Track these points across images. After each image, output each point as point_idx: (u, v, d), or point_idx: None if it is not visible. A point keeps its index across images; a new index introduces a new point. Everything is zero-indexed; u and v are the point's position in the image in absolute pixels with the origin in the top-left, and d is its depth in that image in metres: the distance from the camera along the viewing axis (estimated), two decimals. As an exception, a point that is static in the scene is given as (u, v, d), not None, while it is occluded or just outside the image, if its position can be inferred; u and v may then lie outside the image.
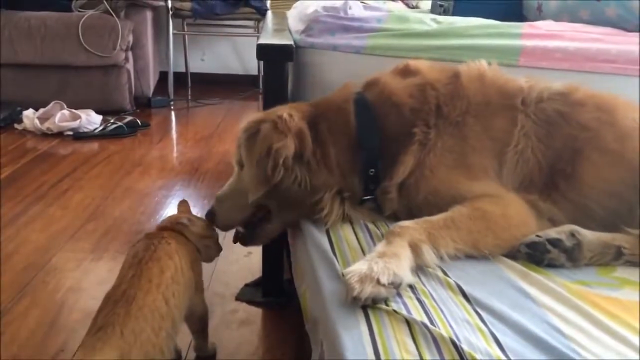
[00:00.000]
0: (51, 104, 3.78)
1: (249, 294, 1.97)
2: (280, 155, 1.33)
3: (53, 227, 2.40)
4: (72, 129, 3.65)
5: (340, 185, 1.40)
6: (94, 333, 1.15)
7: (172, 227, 1.46)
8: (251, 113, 1.49)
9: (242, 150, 1.43)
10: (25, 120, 3.70)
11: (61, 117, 3.68)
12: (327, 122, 1.41)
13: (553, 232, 1.20)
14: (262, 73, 4.99)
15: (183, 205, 1.56)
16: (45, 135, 3.63)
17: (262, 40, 1.73)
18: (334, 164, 1.39)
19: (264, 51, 1.67)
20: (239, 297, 1.95)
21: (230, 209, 1.50)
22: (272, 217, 1.46)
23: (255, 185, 1.37)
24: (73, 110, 3.75)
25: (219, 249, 1.56)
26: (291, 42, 1.73)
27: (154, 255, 1.31)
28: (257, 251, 2.12)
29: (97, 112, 3.83)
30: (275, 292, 1.94)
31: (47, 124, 3.64)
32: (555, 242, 1.18)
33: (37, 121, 3.65)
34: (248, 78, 5.22)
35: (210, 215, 1.52)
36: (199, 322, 1.54)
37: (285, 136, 1.35)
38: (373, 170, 1.40)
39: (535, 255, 1.18)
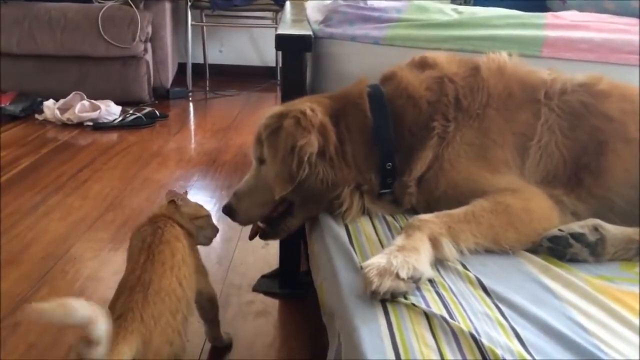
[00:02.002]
0: (71, 95, 3.82)
1: (265, 285, 1.97)
2: (305, 152, 1.31)
3: (72, 217, 2.43)
4: (91, 120, 3.68)
5: (358, 180, 1.38)
6: (114, 320, 1.14)
7: (164, 212, 1.45)
8: (269, 106, 1.48)
9: (265, 147, 1.41)
10: (45, 110, 3.73)
11: (81, 107, 3.72)
12: (345, 118, 1.40)
13: (576, 227, 1.18)
14: (280, 64, 4.99)
15: (170, 193, 1.52)
16: (65, 125, 3.66)
17: (281, 31, 1.71)
18: (351, 160, 1.38)
19: (282, 41, 1.66)
20: (256, 288, 1.95)
21: (251, 205, 1.47)
22: (294, 211, 1.44)
23: (281, 182, 1.35)
24: (93, 101, 3.78)
25: (214, 228, 1.55)
26: (310, 33, 1.72)
27: (162, 239, 1.31)
28: (274, 242, 2.12)
29: (116, 103, 3.86)
30: (292, 283, 1.94)
31: (67, 115, 3.68)
32: (578, 237, 1.16)
33: (57, 112, 3.68)
34: (266, 69, 5.21)
35: (228, 210, 1.49)
36: (208, 305, 1.52)
37: (309, 132, 1.33)
38: (390, 164, 1.38)
39: (558, 250, 1.16)
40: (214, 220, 1.56)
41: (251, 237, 1.54)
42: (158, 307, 1.17)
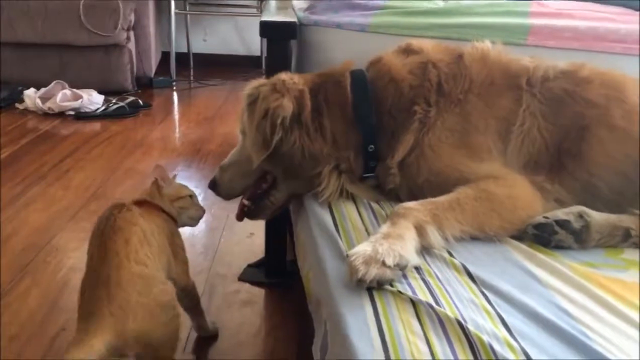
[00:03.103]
0: (52, 84, 3.76)
1: (251, 274, 1.96)
2: (277, 115, 1.33)
3: (54, 207, 2.39)
4: (73, 109, 3.63)
5: (336, 156, 1.38)
6: (84, 319, 1.15)
7: (146, 196, 1.45)
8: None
9: (244, 116, 1.43)
10: (26, 99, 3.68)
11: (63, 96, 3.66)
12: (325, 92, 1.40)
13: (561, 213, 1.18)
14: (264, 54, 4.95)
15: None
16: (47, 115, 3.61)
17: (266, 18, 1.70)
18: (328, 134, 1.38)
19: (267, 28, 1.64)
20: (242, 278, 1.94)
21: (233, 177, 1.50)
22: (277, 184, 1.45)
23: (257, 149, 1.36)
24: (75, 90, 3.73)
25: (199, 209, 1.54)
26: (295, 20, 1.70)
27: (114, 226, 1.27)
28: (259, 232, 2.11)
29: (99, 92, 3.82)
30: (278, 273, 1.93)
31: (48, 104, 3.62)
32: (563, 224, 1.16)
33: (38, 101, 3.63)
34: (251, 59, 5.18)
35: (213, 185, 1.52)
36: (182, 295, 1.49)
37: (283, 96, 1.34)
38: (372, 146, 1.38)
39: (543, 237, 1.16)
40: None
41: (238, 217, 1.54)
42: (123, 296, 1.17)
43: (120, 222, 1.29)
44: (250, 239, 2.18)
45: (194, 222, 1.54)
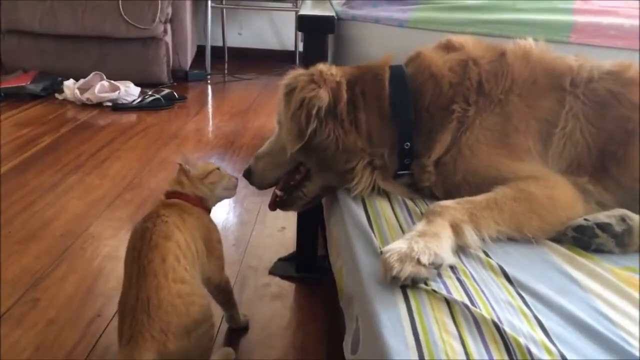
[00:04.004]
0: (91, 75, 3.84)
1: (282, 268, 1.97)
2: (312, 105, 1.33)
3: (91, 196, 2.44)
4: (111, 100, 3.69)
5: (371, 154, 1.37)
6: (126, 343, 1.16)
7: (176, 186, 1.45)
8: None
9: (281, 105, 1.43)
10: (65, 90, 3.76)
11: (100, 88, 3.73)
12: (362, 85, 1.39)
13: (602, 216, 1.15)
14: (299, 49, 4.96)
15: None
16: (85, 105, 3.69)
17: (303, 11, 1.69)
18: (363, 127, 1.37)
19: (305, 22, 1.64)
20: (272, 271, 1.95)
21: (267, 166, 1.51)
22: (311, 176, 1.45)
23: (292, 139, 1.37)
24: (112, 82, 3.79)
25: (230, 178, 1.54)
26: (333, 14, 1.70)
27: (150, 244, 1.24)
28: (291, 226, 2.12)
29: (135, 84, 3.87)
30: (309, 267, 1.94)
31: (86, 95, 3.69)
32: (604, 227, 1.13)
33: (77, 91, 3.70)
34: (285, 54, 5.19)
35: (247, 173, 1.54)
36: (216, 291, 1.49)
37: (320, 87, 1.34)
38: (408, 144, 1.36)
39: (583, 240, 1.13)
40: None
41: (271, 207, 1.54)
42: (164, 319, 1.17)
43: (156, 238, 1.26)
44: (281, 232, 2.19)
45: (230, 192, 1.55)
